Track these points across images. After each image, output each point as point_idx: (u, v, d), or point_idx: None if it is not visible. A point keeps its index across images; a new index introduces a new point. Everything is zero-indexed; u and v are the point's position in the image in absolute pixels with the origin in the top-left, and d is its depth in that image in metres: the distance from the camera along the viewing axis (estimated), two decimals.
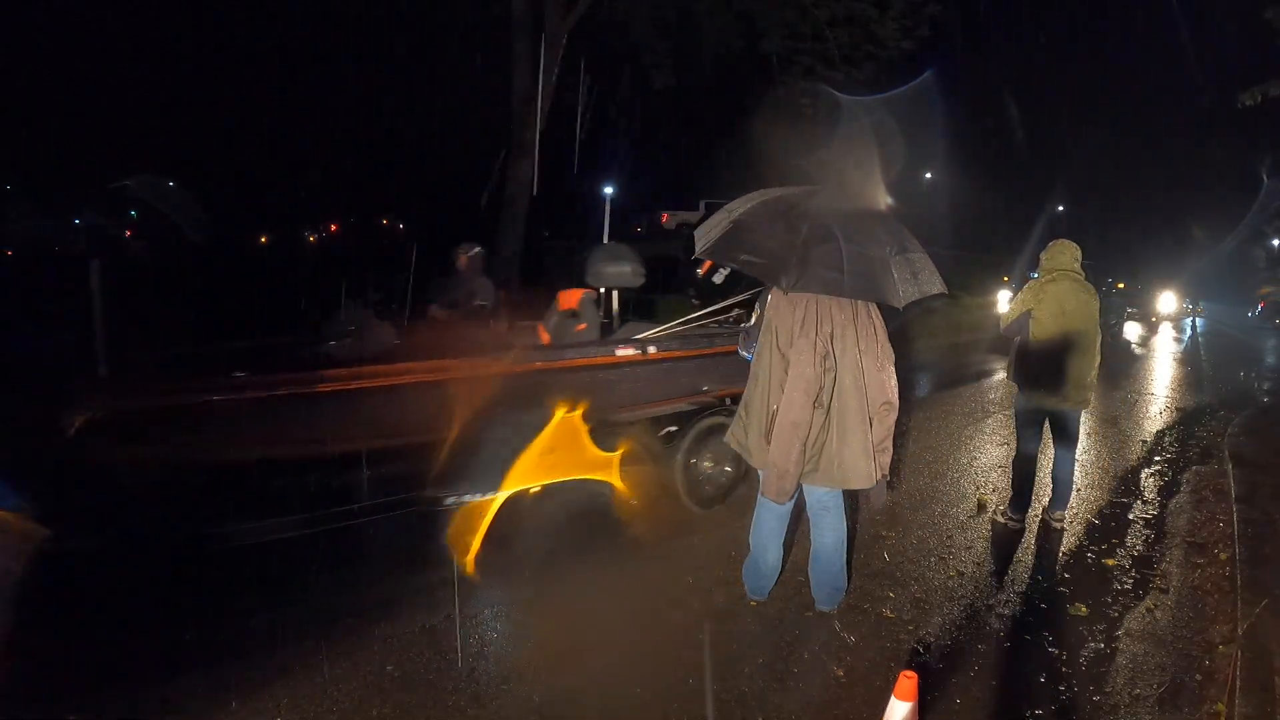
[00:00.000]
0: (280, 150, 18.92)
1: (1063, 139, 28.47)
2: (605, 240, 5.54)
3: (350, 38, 13.84)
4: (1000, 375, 7.99)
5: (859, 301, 2.71)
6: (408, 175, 19.65)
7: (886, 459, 2.78)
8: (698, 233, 2.89)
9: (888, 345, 2.75)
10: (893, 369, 2.74)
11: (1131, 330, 15.84)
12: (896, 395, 2.76)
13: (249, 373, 3.14)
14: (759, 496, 3.01)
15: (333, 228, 27.20)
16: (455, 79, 12.36)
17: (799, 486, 2.83)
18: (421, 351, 3.46)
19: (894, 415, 2.75)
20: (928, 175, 21.31)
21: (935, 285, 2.69)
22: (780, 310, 2.76)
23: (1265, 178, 21.60)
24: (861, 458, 2.71)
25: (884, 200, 3.45)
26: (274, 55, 15.28)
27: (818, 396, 2.67)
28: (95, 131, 18.20)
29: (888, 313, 2.82)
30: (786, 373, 2.69)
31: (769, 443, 2.74)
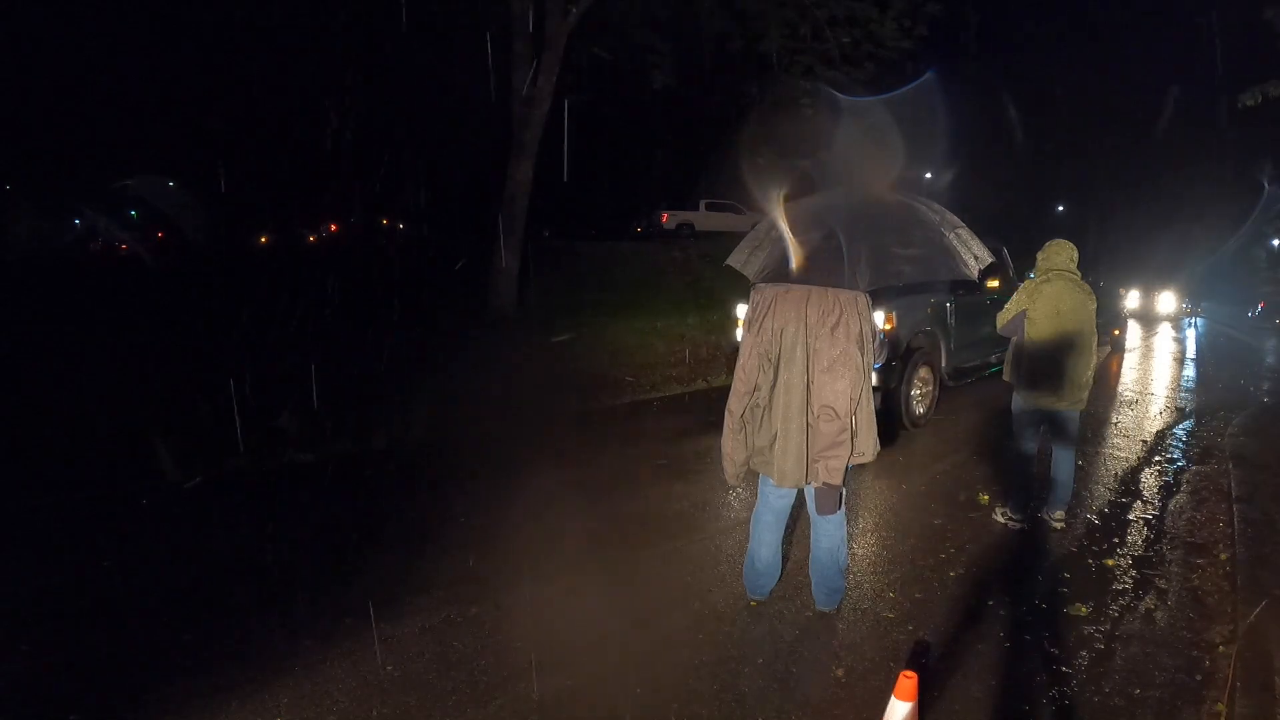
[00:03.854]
0: (280, 150, 18.92)
1: (1063, 139, 28.50)
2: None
3: (350, 37, 13.85)
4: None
5: (842, 302, 2.67)
6: (408, 175, 19.65)
7: (833, 465, 2.70)
8: (736, 261, 2.95)
9: (851, 350, 2.65)
10: (849, 376, 2.65)
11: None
12: (845, 402, 2.66)
13: None
14: (759, 493, 3.03)
15: (333, 227, 27.20)
16: (456, 79, 12.36)
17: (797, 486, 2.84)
18: None
19: (836, 423, 2.66)
20: (927, 175, 21.32)
21: (987, 254, 2.79)
22: (751, 304, 2.85)
23: (1265, 184, 21.55)
24: (794, 458, 2.71)
25: (910, 189, 3.51)
26: (273, 55, 15.28)
27: (756, 388, 2.78)
28: (95, 131, 18.19)
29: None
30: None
31: None
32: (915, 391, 6.04)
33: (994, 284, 6.96)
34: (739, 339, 5.81)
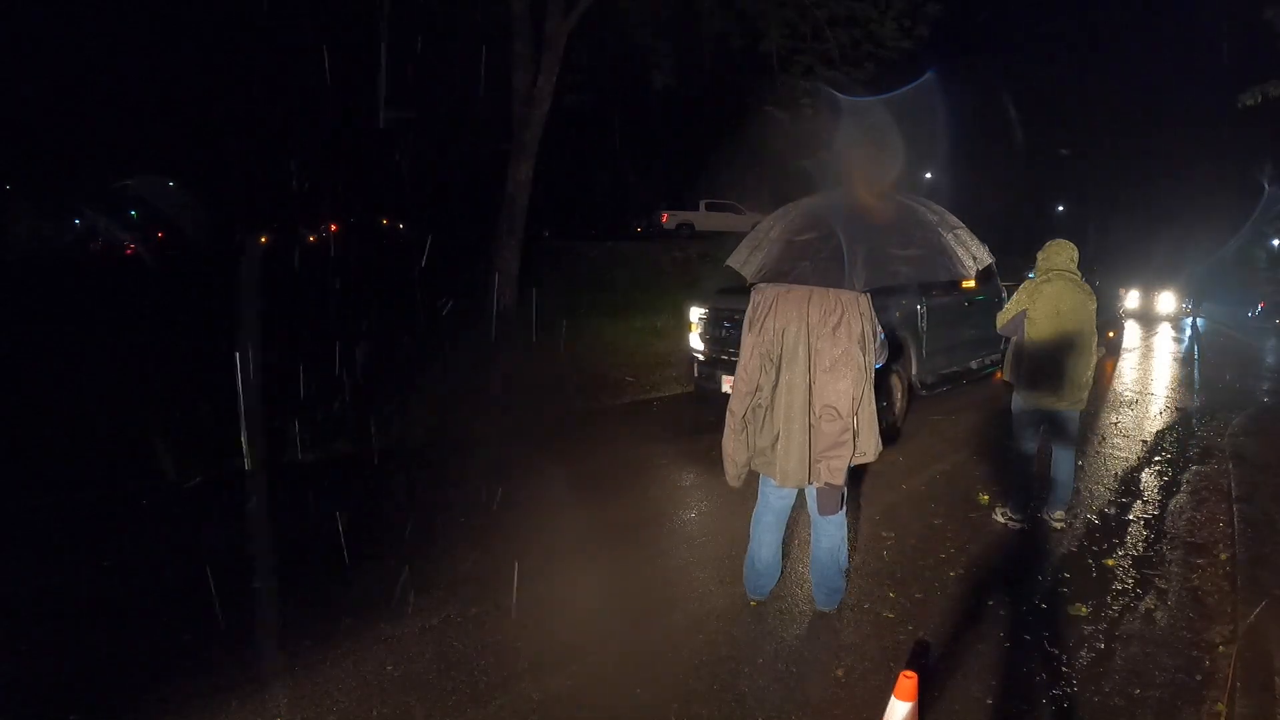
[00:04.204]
0: (280, 150, 18.93)
1: (1063, 139, 28.52)
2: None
3: (350, 37, 13.85)
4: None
5: (844, 302, 2.69)
6: (408, 176, 19.66)
7: (835, 465, 2.71)
8: (735, 261, 2.93)
9: (853, 350, 2.66)
10: (851, 375, 2.66)
11: None
12: (847, 402, 2.67)
13: None
14: (759, 493, 3.03)
15: (333, 227, 27.23)
16: (456, 79, 12.36)
17: (796, 486, 2.84)
18: None
19: (839, 423, 2.67)
20: (928, 175, 21.31)
21: (986, 254, 2.78)
22: (751, 304, 2.85)
23: (1266, 185, 21.52)
24: (796, 458, 2.72)
25: (907, 189, 3.48)
26: (273, 55, 15.29)
27: (757, 389, 2.78)
28: (95, 131, 18.18)
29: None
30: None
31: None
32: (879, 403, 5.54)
33: (970, 283, 6.37)
34: (694, 344, 5.57)
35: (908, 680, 1.86)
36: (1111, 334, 10.74)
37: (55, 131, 17.59)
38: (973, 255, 2.74)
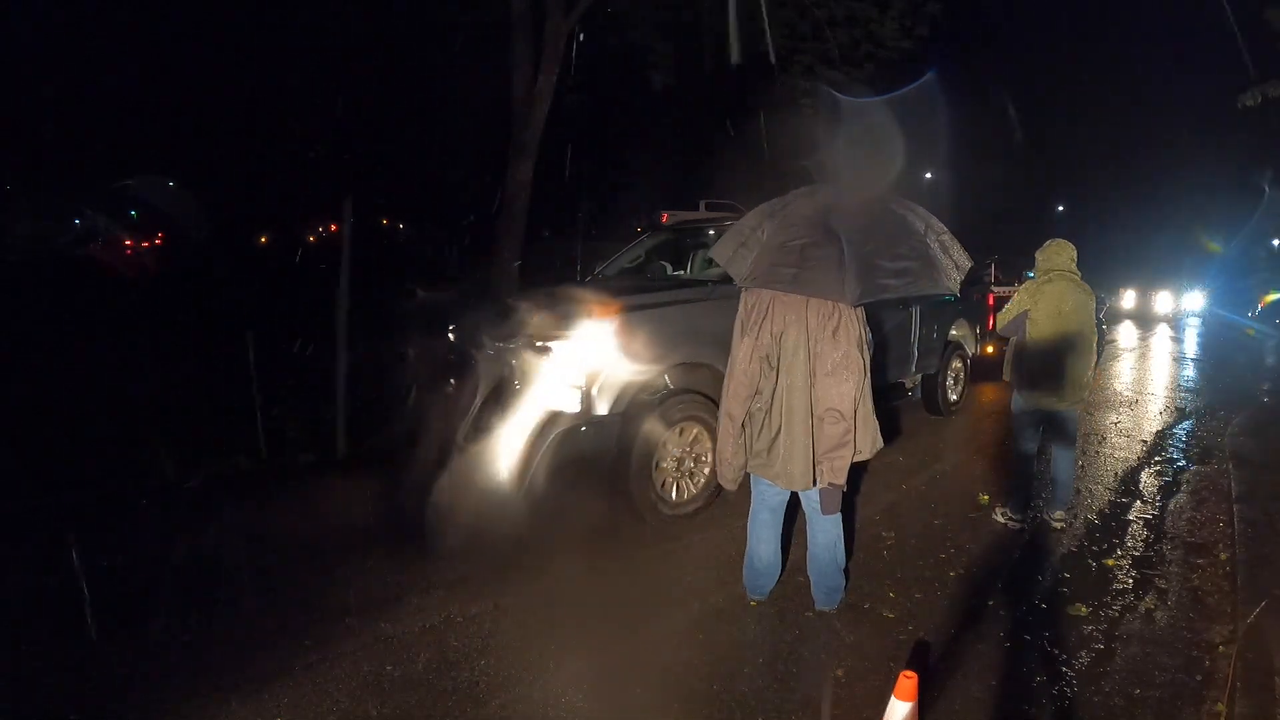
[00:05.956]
0: (280, 150, 18.94)
1: (1063, 139, 28.54)
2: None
3: (351, 37, 13.85)
4: None
5: (840, 305, 2.68)
6: (408, 176, 19.66)
7: (838, 465, 2.72)
8: (721, 255, 2.90)
9: (854, 353, 2.67)
10: (853, 379, 2.67)
11: None
12: (849, 404, 2.68)
13: None
14: (753, 492, 3.03)
15: (333, 227, 27.24)
16: (455, 78, 12.36)
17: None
18: None
19: (842, 424, 2.68)
20: (928, 175, 21.30)
21: (966, 259, 2.76)
22: (745, 306, 2.84)
23: (1266, 188, 21.50)
24: (799, 461, 2.73)
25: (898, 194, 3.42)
26: (274, 55, 15.28)
27: (757, 393, 2.77)
28: (95, 131, 18.19)
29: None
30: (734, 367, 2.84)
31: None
32: (667, 463, 3.88)
33: None
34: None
35: (908, 680, 1.85)
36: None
37: (55, 131, 17.58)
38: (955, 264, 2.72)
